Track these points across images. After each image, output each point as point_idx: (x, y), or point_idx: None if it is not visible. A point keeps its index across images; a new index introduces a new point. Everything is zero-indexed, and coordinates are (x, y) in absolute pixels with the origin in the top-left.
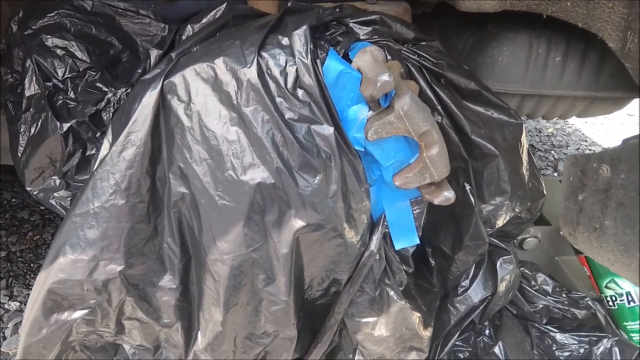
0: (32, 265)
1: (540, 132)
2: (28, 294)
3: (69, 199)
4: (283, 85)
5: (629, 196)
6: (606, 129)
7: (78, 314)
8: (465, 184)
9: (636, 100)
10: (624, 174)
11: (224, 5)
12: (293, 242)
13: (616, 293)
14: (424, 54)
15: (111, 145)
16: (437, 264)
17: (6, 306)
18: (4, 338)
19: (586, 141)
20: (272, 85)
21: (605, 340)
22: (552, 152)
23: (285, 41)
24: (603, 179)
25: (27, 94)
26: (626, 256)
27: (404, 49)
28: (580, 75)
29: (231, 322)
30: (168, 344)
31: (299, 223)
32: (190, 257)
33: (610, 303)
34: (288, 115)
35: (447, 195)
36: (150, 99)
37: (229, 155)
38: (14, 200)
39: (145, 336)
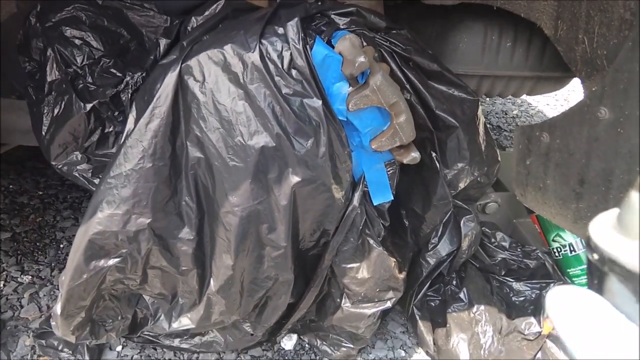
0: (37, 244)
1: (506, 114)
2: (38, 269)
3: (90, 171)
4: (280, 67)
5: (563, 157)
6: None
7: (113, 261)
8: (432, 152)
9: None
10: (559, 139)
11: (223, 0)
12: (291, 195)
13: (561, 245)
14: (394, 41)
15: (136, 119)
16: (411, 224)
17: (19, 279)
18: (22, 306)
19: None
20: (271, 66)
21: (552, 285)
22: None
23: (280, 30)
24: (544, 145)
25: (48, 79)
26: (564, 209)
27: (377, 36)
28: (527, 58)
29: (239, 267)
30: (184, 291)
31: (295, 179)
32: (204, 213)
33: (557, 254)
34: (285, 91)
35: (413, 155)
36: (170, 79)
37: (238, 124)
38: (11, 186)
39: (164, 284)
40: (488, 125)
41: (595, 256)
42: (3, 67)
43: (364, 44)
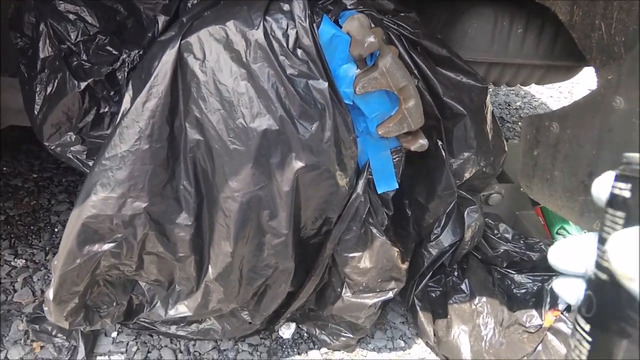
0: (32, 227)
1: (509, 105)
2: (32, 253)
3: (84, 152)
4: (285, 46)
5: (573, 148)
6: (569, 102)
7: (107, 246)
8: (438, 140)
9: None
10: (569, 130)
11: None
12: (293, 181)
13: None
14: (403, 24)
15: (133, 98)
16: (413, 214)
17: (13, 263)
18: (15, 290)
19: None
20: (276, 45)
21: (554, 277)
22: (520, 123)
23: (286, 7)
24: (553, 135)
25: (41, 56)
26: (571, 201)
27: (385, 18)
28: (538, 46)
29: (239, 254)
30: (181, 278)
31: (298, 164)
32: (203, 198)
33: None
34: (289, 71)
35: (421, 142)
36: (169, 56)
37: (240, 106)
38: (5, 169)
39: (161, 270)
40: None
41: None
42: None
43: (372, 25)
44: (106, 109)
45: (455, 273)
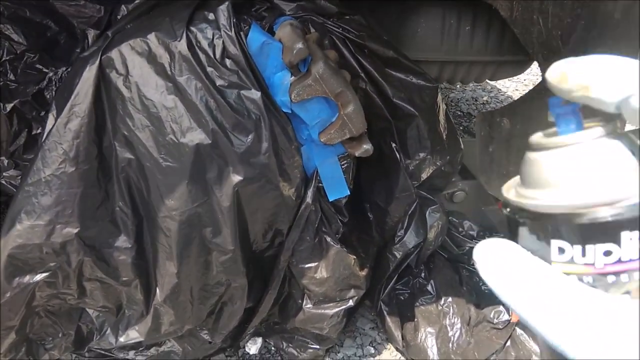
0: None
1: (476, 100)
2: None
3: (18, 177)
4: (212, 56)
5: (524, 143)
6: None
7: (40, 276)
8: (392, 142)
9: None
10: (519, 125)
11: None
12: (233, 195)
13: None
14: (347, 27)
15: (56, 118)
16: (375, 218)
17: None
18: None
19: None
20: (202, 56)
21: None
22: None
23: (211, 16)
24: (505, 130)
25: None
26: None
27: (329, 22)
28: (487, 42)
29: (185, 274)
30: (129, 302)
31: (236, 178)
32: (142, 219)
33: None
34: (219, 82)
35: (365, 147)
36: (90, 73)
37: (169, 121)
38: None
39: (107, 296)
40: (459, 112)
41: (508, 209)
42: None
43: (312, 30)
44: (38, 130)
45: (422, 274)
